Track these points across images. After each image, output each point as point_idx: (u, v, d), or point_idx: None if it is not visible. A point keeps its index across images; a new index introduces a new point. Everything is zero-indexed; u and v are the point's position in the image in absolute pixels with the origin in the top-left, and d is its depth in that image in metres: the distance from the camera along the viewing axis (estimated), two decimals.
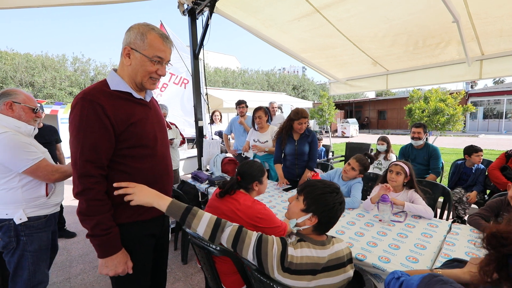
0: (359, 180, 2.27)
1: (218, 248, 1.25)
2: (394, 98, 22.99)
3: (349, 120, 19.34)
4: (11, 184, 1.43)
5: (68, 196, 3.39)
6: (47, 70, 17.02)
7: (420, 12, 2.61)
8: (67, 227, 3.44)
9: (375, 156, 3.84)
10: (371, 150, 4.89)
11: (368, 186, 2.66)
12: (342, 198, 1.11)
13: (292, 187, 2.72)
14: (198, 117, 3.71)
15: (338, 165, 6.18)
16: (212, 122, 5.39)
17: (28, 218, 1.46)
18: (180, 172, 4.79)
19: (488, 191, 3.18)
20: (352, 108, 25.41)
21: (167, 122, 3.42)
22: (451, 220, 2.73)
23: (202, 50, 3.59)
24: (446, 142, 12.49)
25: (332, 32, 3.22)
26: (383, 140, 3.77)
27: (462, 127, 6.74)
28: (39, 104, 1.69)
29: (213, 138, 4.25)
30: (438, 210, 2.45)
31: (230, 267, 1.41)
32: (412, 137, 3.33)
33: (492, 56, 3.07)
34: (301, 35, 3.49)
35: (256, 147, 3.29)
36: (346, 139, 16.36)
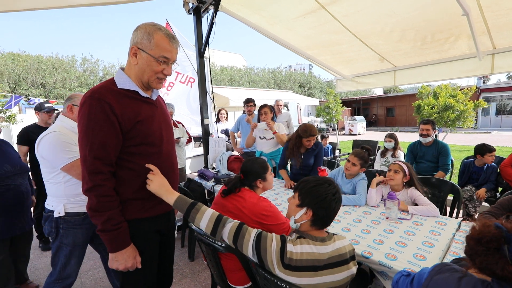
0: (363, 176, 2.24)
1: (224, 244, 1.26)
2: (403, 95, 22.52)
3: (356, 117, 19.07)
4: (57, 179, 1.55)
5: None
6: (57, 71, 17.45)
7: (427, 6, 2.55)
8: None
9: (383, 154, 3.79)
10: (379, 148, 4.83)
11: None
12: (336, 189, 1.10)
13: None
14: (204, 115, 3.74)
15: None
16: (218, 120, 5.43)
17: (66, 213, 1.55)
18: (187, 170, 4.84)
19: (500, 189, 3.11)
20: (360, 106, 25.03)
21: (173, 121, 3.45)
22: (460, 218, 2.68)
23: (208, 48, 3.61)
24: (457, 139, 12.22)
25: (337, 28, 3.19)
26: (391, 137, 3.71)
27: (474, 124, 6.54)
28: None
29: (219, 137, 4.28)
30: (448, 208, 2.41)
31: (235, 264, 1.42)
32: (421, 134, 3.26)
33: (505, 50, 2.97)
34: (306, 32, 3.46)
35: (268, 123, 3.17)
36: (354, 136, 16.18)
